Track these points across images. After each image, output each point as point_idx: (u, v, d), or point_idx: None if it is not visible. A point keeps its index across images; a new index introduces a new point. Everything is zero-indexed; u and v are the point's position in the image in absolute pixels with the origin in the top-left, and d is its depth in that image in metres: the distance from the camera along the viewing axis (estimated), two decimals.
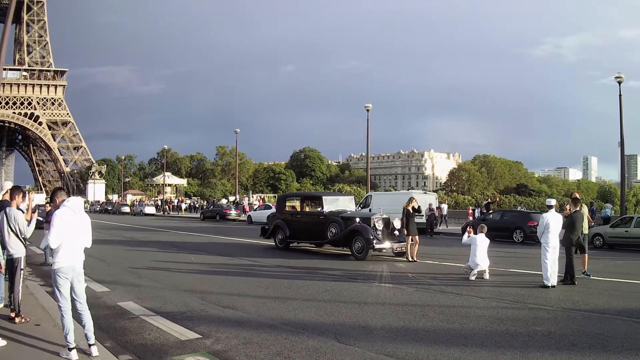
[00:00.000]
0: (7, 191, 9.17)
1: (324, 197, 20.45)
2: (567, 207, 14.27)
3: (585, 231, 15.03)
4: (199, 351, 7.26)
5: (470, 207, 44.34)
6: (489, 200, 48.51)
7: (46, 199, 62.47)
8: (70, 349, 6.56)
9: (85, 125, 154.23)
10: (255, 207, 54.97)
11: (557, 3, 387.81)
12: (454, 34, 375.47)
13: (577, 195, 14.89)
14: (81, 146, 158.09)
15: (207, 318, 9.22)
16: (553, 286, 12.61)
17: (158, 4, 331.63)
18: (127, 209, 71.35)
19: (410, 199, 18.73)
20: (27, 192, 9.64)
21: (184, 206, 75.35)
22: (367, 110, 44.16)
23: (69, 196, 7.33)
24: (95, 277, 13.25)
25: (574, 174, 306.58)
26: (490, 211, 35.37)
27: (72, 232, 6.81)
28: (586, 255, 14.78)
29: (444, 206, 43.32)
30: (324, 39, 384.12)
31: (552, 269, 12.75)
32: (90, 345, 6.68)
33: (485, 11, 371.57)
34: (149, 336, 8.00)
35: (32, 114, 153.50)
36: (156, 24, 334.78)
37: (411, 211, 18.23)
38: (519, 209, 47.15)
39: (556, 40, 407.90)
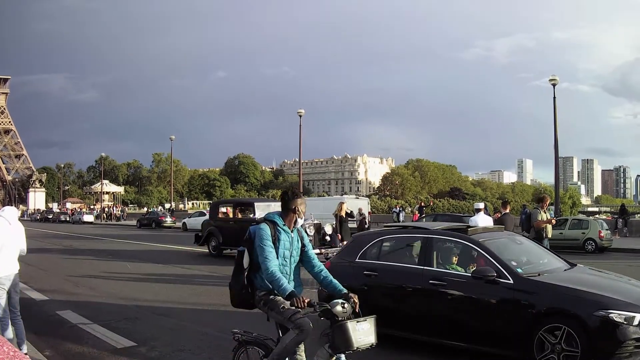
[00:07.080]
0: None
1: (256, 204, 20.76)
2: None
3: (549, 235, 13.65)
4: (134, 359, 7.57)
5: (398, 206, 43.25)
6: (422, 204, 49.33)
7: None
8: None
9: (24, 133, 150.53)
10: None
11: (487, 5, 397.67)
12: (384, 38, 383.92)
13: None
14: (22, 154, 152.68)
15: (143, 326, 9.47)
16: None
17: (90, 11, 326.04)
18: (66, 217, 71.75)
19: (341, 205, 19.18)
20: None
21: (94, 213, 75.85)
22: (300, 116, 44.60)
23: (9, 205, 7.57)
24: (35, 285, 13.36)
25: (509, 177, 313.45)
26: (424, 215, 36.21)
27: (8, 242, 6.98)
28: None
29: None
30: (254, 44, 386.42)
31: None
32: None
33: (415, 15, 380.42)
34: (86, 344, 8.20)
35: None
36: (89, 31, 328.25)
37: (344, 216, 18.63)
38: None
39: (487, 43, 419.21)
